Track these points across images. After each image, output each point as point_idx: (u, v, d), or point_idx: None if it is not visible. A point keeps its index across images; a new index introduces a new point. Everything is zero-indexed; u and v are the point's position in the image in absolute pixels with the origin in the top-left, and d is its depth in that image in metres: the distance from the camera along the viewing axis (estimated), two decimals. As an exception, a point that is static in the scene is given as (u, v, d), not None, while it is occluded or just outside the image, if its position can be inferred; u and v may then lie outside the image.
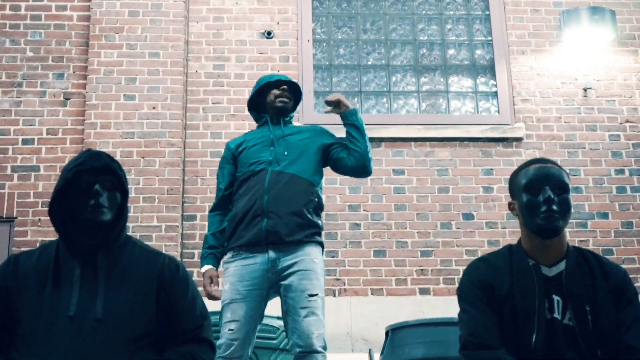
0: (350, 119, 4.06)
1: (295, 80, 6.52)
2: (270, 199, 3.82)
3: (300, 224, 3.80)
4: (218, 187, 4.13)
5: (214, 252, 3.94)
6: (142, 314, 2.56)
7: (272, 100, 4.12)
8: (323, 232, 3.87)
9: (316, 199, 3.91)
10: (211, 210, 4.12)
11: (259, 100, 4.20)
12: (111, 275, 2.59)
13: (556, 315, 2.67)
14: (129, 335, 2.50)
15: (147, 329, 2.55)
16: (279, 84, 4.12)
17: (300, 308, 3.69)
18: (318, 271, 3.80)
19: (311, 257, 3.79)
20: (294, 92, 4.19)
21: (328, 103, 4.09)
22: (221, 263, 3.91)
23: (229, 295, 3.73)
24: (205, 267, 3.89)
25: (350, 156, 4.00)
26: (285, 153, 4.00)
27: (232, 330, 3.67)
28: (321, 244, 3.90)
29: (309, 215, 3.85)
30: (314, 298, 3.71)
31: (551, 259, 2.74)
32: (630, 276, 6.17)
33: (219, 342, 3.60)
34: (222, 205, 4.05)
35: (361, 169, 4.01)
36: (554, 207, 2.68)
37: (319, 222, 3.92)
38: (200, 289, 3.22)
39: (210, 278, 3.85)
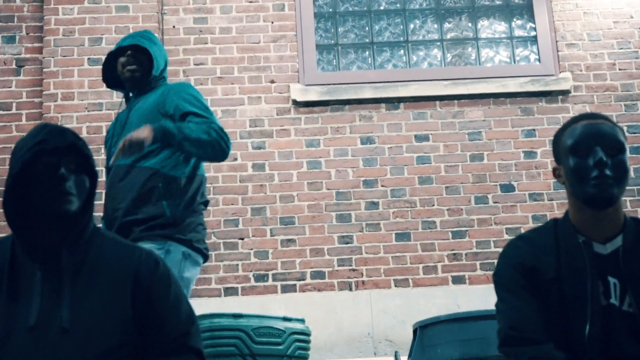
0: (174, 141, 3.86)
1: (292, 33, 6.61)
2: (111, 204, 3.97)
3: (134, 222, 3.87)
4: None
5: None
6: (117, 320, 2.56)
7: (121, 72, 4.12)
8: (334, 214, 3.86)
9: (159, 184, 3.91)
10: None
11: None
12: (78, 276, 2.59)
13: (613, 300, 2.68)
14: (102, 346, 2.51)
15: (124, 339, 2.55)
16: (124, 51, 4.09)
17: None
18: None
19: None
20: (146, 55, 4.13)
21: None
22: None
23: None
24: None
25: None
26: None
27: None
28: (166, 236, 3.88)
29: (145, 208, 3.89)
30: None
31: (605, 234, 2.74)
32: None
33: None
34: None
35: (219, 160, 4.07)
36: (607, 172, 2.67)
37: (160, 211, 3.91)
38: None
39: None
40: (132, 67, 4.07)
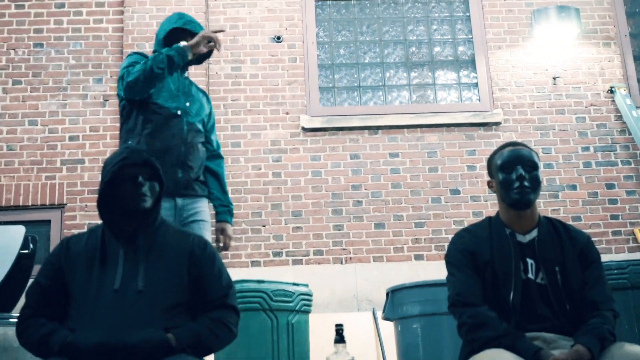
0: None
1: (302, 78, 6.61)
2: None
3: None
4: None
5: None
6: (177, 286, 2.59)
7: (200, 49, 3.76)
8: (330, 209, 3.87)
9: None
10: None
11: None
12: (149, 254, 2.62)
13: (530, 275, 2.71)
14: (166, 304, 2.54)
15: (181, 299, 2.59)
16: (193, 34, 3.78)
17: None
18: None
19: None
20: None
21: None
22: None
23: None
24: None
25: None
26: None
27: None
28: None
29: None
30: None
31: (525, 227, 2.78)
32: (596, 239, 6.23)
33: None
34: None
35: None
36: (526, 183, 2.72)
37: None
38: (224, 260, 3.26)
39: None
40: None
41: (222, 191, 4.03)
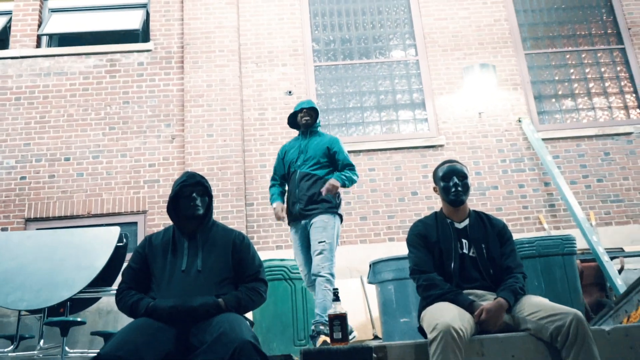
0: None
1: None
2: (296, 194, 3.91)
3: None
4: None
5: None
6: (224, 266, 2.60)
7: (299, 120, 3.98)
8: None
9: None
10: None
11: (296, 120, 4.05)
12: (205, 245, 2.63)
13: (465, 251, 2.72)
14: (217, 279, 2.55)
15: (227, 275, 2.60)
16: (302, 109, 3.99)
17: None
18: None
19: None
20: (314, 111, 4.05)
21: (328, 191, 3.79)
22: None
23: None
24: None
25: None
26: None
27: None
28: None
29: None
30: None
31: (460, 218, 2.80)
32: (512, 223, 6.17)
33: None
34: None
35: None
36: (460, 189, 2.73)
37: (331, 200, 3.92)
38: (257, 246, 3.25)
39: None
40: (306, 118, 3.96)
41: None
